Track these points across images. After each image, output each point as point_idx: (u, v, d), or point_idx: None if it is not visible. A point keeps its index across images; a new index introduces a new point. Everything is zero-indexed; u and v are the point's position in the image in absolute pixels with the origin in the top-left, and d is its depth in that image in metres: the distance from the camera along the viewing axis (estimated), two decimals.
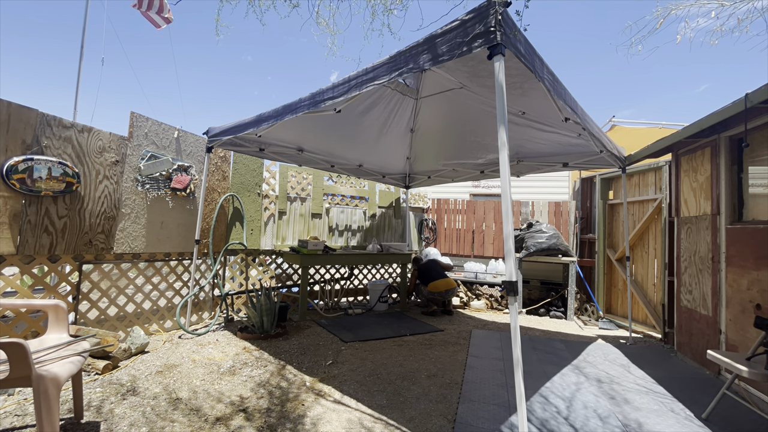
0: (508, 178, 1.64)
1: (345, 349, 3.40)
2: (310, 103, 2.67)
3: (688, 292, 3.44)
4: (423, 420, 2.16)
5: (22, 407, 2.12)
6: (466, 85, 3.13)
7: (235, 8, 2.23)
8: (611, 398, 2.56)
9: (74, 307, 3.02)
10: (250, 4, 2.22)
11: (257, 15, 2.28)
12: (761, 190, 2.79)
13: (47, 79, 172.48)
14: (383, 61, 2.15)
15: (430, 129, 4.52)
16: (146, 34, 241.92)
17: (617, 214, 5.05)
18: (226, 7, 2.23)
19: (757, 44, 5.31)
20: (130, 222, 3.42)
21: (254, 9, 2.23)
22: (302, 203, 5.33)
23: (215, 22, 2.33)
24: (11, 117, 2.65)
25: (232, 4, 2.24)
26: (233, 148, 4.07)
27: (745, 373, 2.00)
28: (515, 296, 1.60)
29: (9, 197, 2.63)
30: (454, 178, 5.56)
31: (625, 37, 9.67)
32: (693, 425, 2.22)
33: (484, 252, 6.56)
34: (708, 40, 2.90)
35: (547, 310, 5.31)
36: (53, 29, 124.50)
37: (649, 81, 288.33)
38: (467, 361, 3.17)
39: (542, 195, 8.46)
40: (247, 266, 4.51)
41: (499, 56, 1.68)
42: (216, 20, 2.30)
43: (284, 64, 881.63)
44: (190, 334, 3.60)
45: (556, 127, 3.42)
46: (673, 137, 3.36)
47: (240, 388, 2.50)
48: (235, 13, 21.39)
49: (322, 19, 2.38)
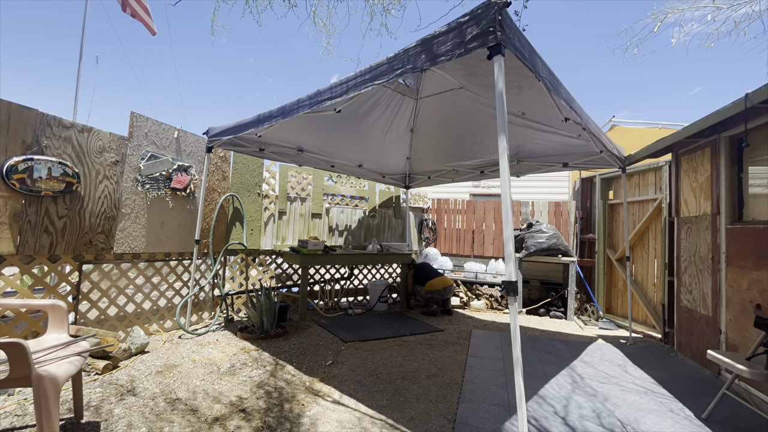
0: (508, 179, 1.64)
1: (345, 349, 3.39)
2: (310, 103, 2.67)
3: (688, 292, 3.44)
4: (423, 420, 2.16)
5: (22, 407, 2.12)
6: (466, 85, 3.13)
7: (232, 8, 2.25)
8: (611, 398, 2.56)
9: (74, 307, 3.02)
10: (246, 4, 2.22)
11: (254, 16, 2.29)
12: (761, 190, 2.79)
13: (47, 78, 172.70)
14: (383, 61, 2.15)
15: (430, 129, 4.52)
16: (146, 34, 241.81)
17: (617, 214, 5.05)
18: (222, 7, 2.24)
19: (755, 46, 5.33)
20: (130, 222, 3.42)
21: (251, 9, 2.24)
22: (302, 203, 5.33)
23: (211, 22, 2.33)
24: (11, 117, 2.65)
25: (228, 5, 2.24)
26: (233, 148, 4.07)
27: (745, 373, 2.00)
28: (515, 296, 1.60)
29: (9, 197, 2.63)
30: (454, 178, 5.56)
31: (621, 41, 9.67)
32: (693, 425, 2.22)
33: (484, 252, 6.55)
34: (703, 43, 2.91)
35: (547, 310, 5.31)
36: (53, 29, 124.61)
37: (644, 83, 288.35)
38: (467, 361, 3.17)
39: (542, 195, 8.46)
40: (247, 266, 4.51)
41: (498, 56, 1.68)
42: (211, 20, 2.31)
43: (285, 65, 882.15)
44: (190, 334, 3.60)
45: (556, 127, 3.42)
46: (673, 137, 3.36)
47: (240, 388, 2.50)
48: (233, 13, 21.30)
49: (320, 19, 2.39)
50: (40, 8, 79.61)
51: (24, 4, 48.25)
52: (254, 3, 2.17)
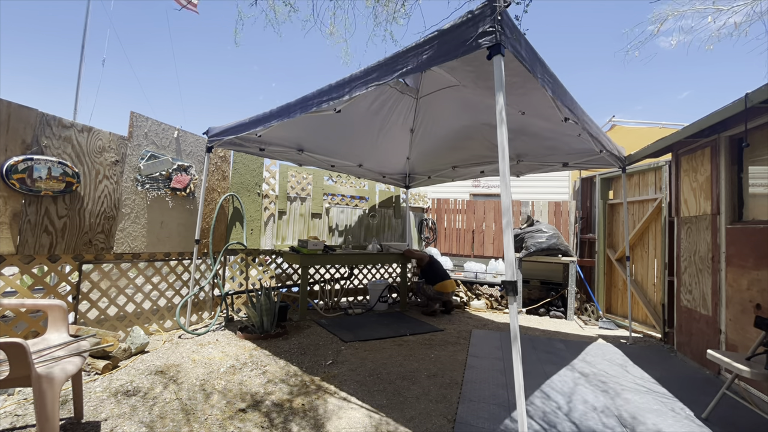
0: (508, 180, 1.64)
1: (345, 348, 3.40)
2: (310, 103, 2.67)
3: (688, 292, 3.44)
4: (423, 420, 2.16)
5: (22, 407, 2.12)
6: (467, 85, 3.13)
7: (254, 24, 2.33)
8: (611, 398, 2.56)
9: (74, 307, 3.02)
10: (266, 19, 2.28)
11: (274, 27, 2.34)
12: (761, 190, 2.79)
13: (47, 78, 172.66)
14: (384, 61, 2.15)
15: (429, 129, 4.52)
16: (147, 34, 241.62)
17: (617, 214, 5.05)
18: (246, 21, 2.31)
19: (756, 47, 5.32)
20: (130, 222, 3.42)
21: (270, 21, 2.30)
22: (302, 203, 5.33)
23: (234, 34, 2.40)
24: (11, 117, 2.64)
25: (251, 19, 2.31)
26: (233, 148, 4.07)
27: (745, 373, 2.00)
28: (515, 296, 1.60)
29: (9, 197, 2.63)
30: (454, 177, 5.56)
31: (621, 44, 9.69)
32: (693, 425, 2.22)
33: (484, 252, 6.55)
34: (703, 45, 2.91)
35: (547, 310, 5.31)
36: (54, 29, 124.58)
37: (635, 87, 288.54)
38: (467, 361, 3.17)
39: (542, 195, 8.46)
40: (247, 266, 4.51)
41: (498, 56, 1.68)
42: (234, 32, 2.36)
43: (288, 66, 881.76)
44: (190, 334, 3.60)
45: (556, 127, 3.42)
46: (673, 137, 3.36)
47: (240, 387, 2.50)
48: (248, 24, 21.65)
49: (334, 28, 2.44)
50: (41, 8, 79.61)
51: (24, 4, 48.24)
52: (274, 15, 2.23)
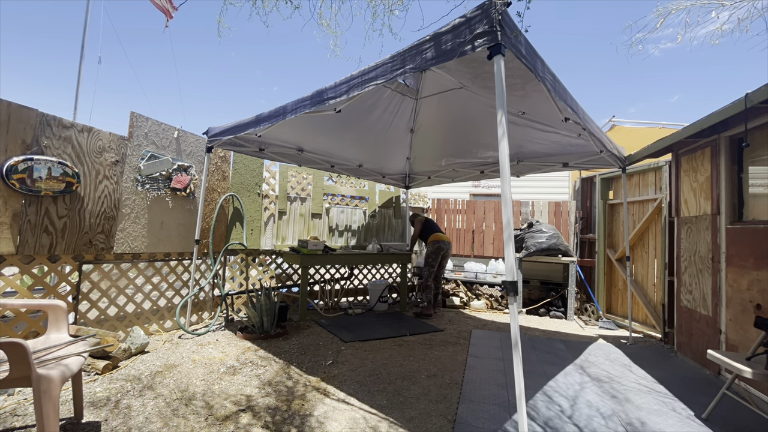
0: (509, 181, 1.64)
1: (345, 349, 3.39)
2: (310, 102, 2.67)
3: (688, 292, 3.44)
4: (423, 420, 2.16)
5: (22, 407, 2.12)
6: (466, 85, 3.13)
7: (240, 11, 2.24)
8: (612, 398, 2.56)
9: (74, 307, 3.02)
10: (253, 6, 2.23)
11: (261, 17, 2.29)
12: (761, 190, 2.79)
13: (47, 78, 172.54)
14: (384, 61, 2.15)
15: (429, 129, 4.52)
16: (146, 33, 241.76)
17: (617, 214, 5.05)
18: (230, 9, 2.25)
19: (758, 44, 5.31)
20: (130, 222, 3.41)
21: (258, 11, 2.25)
22: (302, 203, 5.32)
23: (217, 23, 2.35)
24: (11, 117, 2.64)
25: (237, 7, 2.26)
26: (233, 148, 4.07)
27: (745, 373, 2.00)
28: (515, 296, 1.60)
29: (9, 197, 2.63)
30: (454, 178, 5.56)
31: (622, 40, 9.68)
32: (693, 425, 2.22)
33: (484, 252, 6.55)
34: (697, 44, 2.91)
35: (547, 310, 5.31)
36: (54, 29, 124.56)
37: (629, 89, 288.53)
38: (467, 361, 3.17)
39: (542, 195, 8.45)
40: (247, 266, 4.51)
41: (498, 56, 1.68)
42: (218, 21, 2.32)
43: (287, 66, 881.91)
44: (190, 334, 3.60)
45: (556, 127, 3.42)
46: (673, 137, 3.36)
47: (241, 387, 2.50)
48: (240, 17, 21.33)
49: (324, 21, 2.40)
50: (41, 8, 79.61)
51: (24, 4, 48.24)
52: (261, 4, 2.18)
